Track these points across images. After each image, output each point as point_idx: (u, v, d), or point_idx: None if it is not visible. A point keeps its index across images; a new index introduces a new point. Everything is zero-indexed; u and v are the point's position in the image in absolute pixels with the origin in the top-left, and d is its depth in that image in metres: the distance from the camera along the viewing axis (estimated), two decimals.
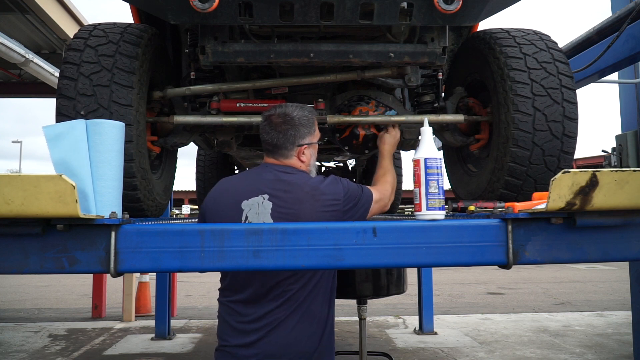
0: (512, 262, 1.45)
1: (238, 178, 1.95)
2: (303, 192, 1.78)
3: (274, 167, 1.87)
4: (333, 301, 1.92)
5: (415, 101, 2.73)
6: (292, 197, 1.77)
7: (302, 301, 1.77)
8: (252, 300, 1.78)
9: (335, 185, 1.84)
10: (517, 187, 2.16)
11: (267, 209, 1.76)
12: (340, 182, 1.88)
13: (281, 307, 1.76)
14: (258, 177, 1.84)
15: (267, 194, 1.78)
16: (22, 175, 1.27)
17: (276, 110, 1.91)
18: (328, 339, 1.86)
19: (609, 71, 4.17)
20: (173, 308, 7.33)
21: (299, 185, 1.79)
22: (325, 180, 1.86)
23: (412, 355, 5.34)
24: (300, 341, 1.76)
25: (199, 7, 1.73)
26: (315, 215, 1.75)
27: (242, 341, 1.75)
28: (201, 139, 3.15)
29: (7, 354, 5.34)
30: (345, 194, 1.83)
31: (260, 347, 1.74)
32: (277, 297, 1.76)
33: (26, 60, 5.26)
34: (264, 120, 1.92)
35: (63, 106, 1.93)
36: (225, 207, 1.82)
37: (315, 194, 1.78)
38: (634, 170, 1.36)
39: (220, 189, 1.88)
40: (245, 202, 1.78)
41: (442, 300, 8.91)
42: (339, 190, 1.83)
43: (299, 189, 1.78)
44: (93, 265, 1.39)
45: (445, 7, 1.81)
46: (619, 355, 5.18)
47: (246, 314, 1.78)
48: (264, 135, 1.90)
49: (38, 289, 10.63)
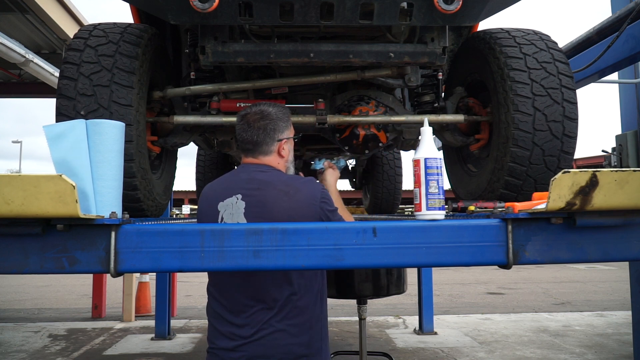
0: (512, 262, 1.45)
1: (217, 182, 1.94)
2: (276, 190, 1.77)
3: (250, 167, 1.87)
4: (324, 302, 1.89)
5: (415, 101, 2.73)
6: (264, 195, 1.76)
7: (287, 303, 1.75)
8: (234, 308, 1.77)
9: (312, 184, 1.82)
10: (517, 187, 2.16)
11: (240, 209, 1.77)
12: (318, 184, 1.86)
13: (266, 311, 1.74)
14: (234, 178, 1.86)
15: (240, 194, 1.78)
16: (22, 175, 1.27)
17: (251, 109, 1.91)
18: (319, 341, 1.80)
19: (609, 71, 4.17)
20: (173, 308, 7.33)
21: (272, 184, 1.79)
22: (301, 178, 1.85)
23: (412, 355, 5.34)
24: (288, 343, 1.73)
25: (199, 7, 1.73)
26: (289, 212, 1.73)
27: (228, 345, 1.75)
28: (201, 139, 3.15)
29: (7, 354, 5.34)
30: (323, 197, 1.79)
31: (246, 349, 1.73)
32: (259, 301, 1.75)
33: (26, 60, 5.26)
34: (240, 120, 1.90)
35: (63, 106, 1.93)
36: (205, 210, 1.85)
37: (290, 191, 1.77)
38: (634, 170, 1.36)
39: (202, 195, 1.91)
40: (221, 203, 1.79)
41: (442, 300, 8.91)
42: (316, 190, 1.79)
43: (272, 187, 1.78)
44: (93, 265, 1.39)
45: (445, 7, 1.81)
46: (619, 355, 5.18)
47: (231, 320, 1.77)
48: (243, 135, 1.87)
49: (38, 289, 10.63)
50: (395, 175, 4.86)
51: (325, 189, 1.86)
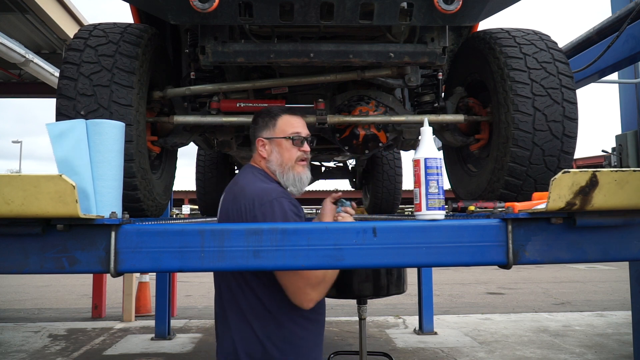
0: (512, 262, 1.45)
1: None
2: (233, 191, 1.84)
3: (246, 165, 2.00)
4: (279, 308, 1.74)
5: (415, 101, 2.73)
6: (228, 195, 1.85)
7: (233, 299, 1.78)
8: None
9: (259, 197, 1.70)
10: (517, 187, 2.15)
11: (219, 206, 1.89)
12: (269, 209, 1.67)
13: (224, 305, 1.82)
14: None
15: (224, 192, 1.91)
16: (22, 175, 1.27)
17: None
18: (272, 349, 1.72)
19: (609, 71, 4.17)
20: (173, 308, 7.33)
21: (236, 184, 1.86)
22: (259, 188, 1.76)
23: (412, 355, 5.34)
24: (240, 343, 1.73)
25: (199, 7, 1.73)
26: (235, 215, 1.73)
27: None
28: (201, 139, 3.15)
29: (7, 354, 5.34)
30: (258, 214, 1.67)
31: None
32: (220, 293, 1.84)
33: (26, 60, 5.25)
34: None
35: (63, 106, 1.93)
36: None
37: (238, 195, 1.77)
38: (634, 170, 1.36)
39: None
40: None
41: (442, 300, 8.91)
42: (255, 205, 1.68)
43: (234, 187, 1.86)
44: (93, 265, 1.39)
45: (445, 7, 1.81)
46: (619, 355, 5.18)
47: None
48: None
49: (38, 289, 10.63)
50: (395, 175, 4.85)
51: (277, 206, 1.70)
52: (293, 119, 1.95)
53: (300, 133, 1.93)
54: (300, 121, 1.97)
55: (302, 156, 1.92)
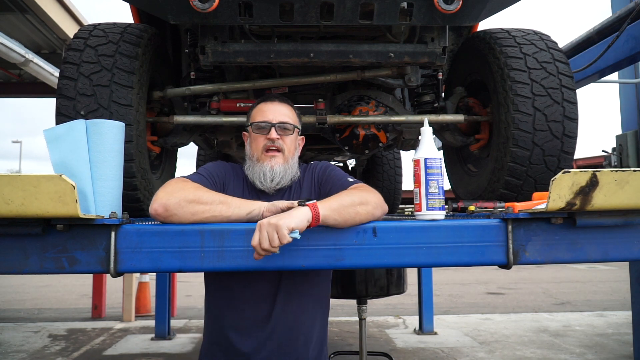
0: (512, 262, 1.45)
1: None
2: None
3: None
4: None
5: (415, 101, 2.73)
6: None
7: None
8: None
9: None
10: (517, 187, 2.15)
11: None
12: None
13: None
14: None
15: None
16: (22, 175, 1.27)
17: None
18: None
19: (609, 71, 4.17)
20: (173, 308, 7.33)
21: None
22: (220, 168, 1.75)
23: (412, 355, 5.34)
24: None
25: (199, 7, 1.73)
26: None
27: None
28: (201, 139, 3.15)
29: (7, 354, 5.34)
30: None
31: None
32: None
33: (26, 60, 5.25)
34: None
35: (63, 106, 1.93)
36: None
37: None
38: (634, 170, 1.36)
39: None
40: None
41: (442, 300, 8.91)
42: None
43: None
44: (93, 265, 1.39)
45: (445, 7, 1.81)
46: (619, 355, 5.18)
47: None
48: None
49: (38, 289, 10.62)
50: (395, 175, 4.86)
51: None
52: (266, 106, 1.74)
53: (270, 120, 1.69)
54: (274, 107, 1.73)
55: (267, 145, 1.67)
